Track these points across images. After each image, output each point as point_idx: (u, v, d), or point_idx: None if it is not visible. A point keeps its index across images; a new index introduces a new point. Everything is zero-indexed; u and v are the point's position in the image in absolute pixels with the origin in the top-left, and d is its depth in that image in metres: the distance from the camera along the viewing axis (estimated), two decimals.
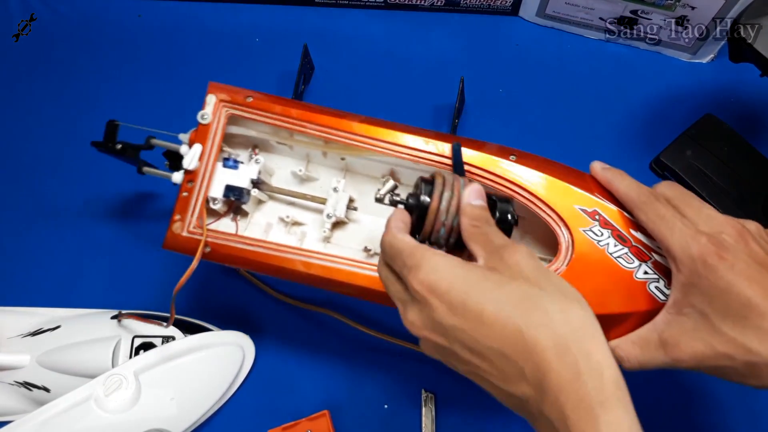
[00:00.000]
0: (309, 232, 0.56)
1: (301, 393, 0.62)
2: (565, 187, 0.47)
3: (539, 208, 0.47)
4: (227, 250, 0.51)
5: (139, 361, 0.57)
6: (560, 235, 0.46)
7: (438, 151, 0.50)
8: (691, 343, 0.41)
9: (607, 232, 0.46)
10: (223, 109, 0.52)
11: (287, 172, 0.57)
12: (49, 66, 0.78)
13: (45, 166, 0.73)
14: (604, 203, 0.47)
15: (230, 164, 0.53)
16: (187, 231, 0.51)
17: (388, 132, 0.51)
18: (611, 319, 0.45)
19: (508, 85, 0.75)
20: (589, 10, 0.73)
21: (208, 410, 0.60)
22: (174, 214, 0.52)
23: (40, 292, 0.67)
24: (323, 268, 0.49)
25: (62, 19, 0.80)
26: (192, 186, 0.52)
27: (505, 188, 0.48)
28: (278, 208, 0.57)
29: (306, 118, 0.51)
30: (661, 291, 0.45)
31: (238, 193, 0.52)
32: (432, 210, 0.43)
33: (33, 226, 0.70)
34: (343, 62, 0.77)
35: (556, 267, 0.46)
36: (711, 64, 0.75)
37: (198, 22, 0.79)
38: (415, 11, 0.79)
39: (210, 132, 0.52)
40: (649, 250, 0.46)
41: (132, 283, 0.67)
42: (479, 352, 0.36)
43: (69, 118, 0.75)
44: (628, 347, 0.45)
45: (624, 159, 0.71)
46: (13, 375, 0.60)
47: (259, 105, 0.52)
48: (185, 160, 0.51)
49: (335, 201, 0.54)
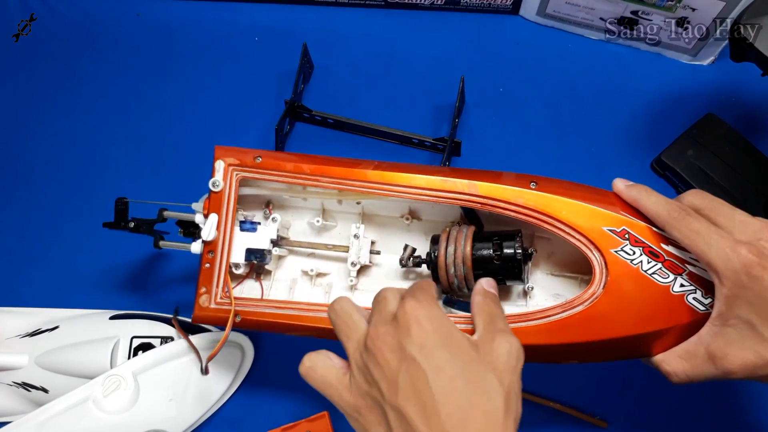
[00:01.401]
0: (335, 281, 0.55)
1: (301, 394, 0.62)
2: (590, 209, 0.47)
3: (568, 234, 0.47)
4: (257, 316, 0.50)
5: (137, 362, 0.57)
6: (593, 258, 0.46)
7: (457, 189, 0.49)
8: (740, 354, 0.41)
9: (639, 249, 0.46)
10: (234, 173, 0.51)
11: (304, 222, 0.57)
12: (49, 66, 0.78)
13: (44, 166, 0.73)
14: (632, 220, 0.46)
15: (248, 227, 0.53)
16: (215, 302, 0.51)
17: (402, 176, 0.50)
18: (654, 336, 0.45)
19: (508, 85, 0.75)
20: (590, 10, 0.72)
21: (207, 411, 0.60)
22: (199, 287, 0.51)
23: (38, 293, 0.66)
24: None
25: (62, 18, 0.80)
26: (213, 257, 0.51)
27: (530, 218, 0.48)
28: (299, 260, 0.56)
29: (318, 171, 0.51)
30: (699, 301, 0.45)
31: (259, 254, 0.52)
32: (440, 267, 0.48)
33: (32, 226, 0.70)
34: (342, 61, 0.77)
35: (593, 291, 0.45)
36: (712, 65, 0.74)
37: (197, 21, 0.79)
38: (415, 10, 0.79)
39: (223, 199, 0.51)
40: (683, 263, 0.45)
41: (131, 284, 0.67)
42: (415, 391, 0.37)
43: (69, 117, 0.75)
44: (675, 362, 0.45)
45: (625, 158, 0.71)
46: (11, 375, 0.60)
47: (269, 164, 0.51)
48: (203, 232, 0.50)
49: (358, 248, 0.53)
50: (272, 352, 0.63)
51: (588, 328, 0.45)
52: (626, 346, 0.46)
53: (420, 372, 0.37)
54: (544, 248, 0.53)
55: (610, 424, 0.60)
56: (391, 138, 0.72)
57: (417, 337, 0.38)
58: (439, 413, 0.36)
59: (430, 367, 0.37)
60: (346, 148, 0.72)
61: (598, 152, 0.71)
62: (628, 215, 0.47)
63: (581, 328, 0.45)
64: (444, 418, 0.36)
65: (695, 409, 0.61)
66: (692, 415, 0.61)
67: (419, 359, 0.37)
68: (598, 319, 0.45)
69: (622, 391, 0.61)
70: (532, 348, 0.43)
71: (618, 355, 0.48)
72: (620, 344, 0.45)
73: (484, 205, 0.48)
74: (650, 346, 0.46)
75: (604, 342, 0.45)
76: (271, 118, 0.72)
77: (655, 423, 0.61)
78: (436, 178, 0.49)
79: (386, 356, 0.38)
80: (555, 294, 0.52)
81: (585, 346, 0.45)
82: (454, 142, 0.68)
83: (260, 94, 0.75)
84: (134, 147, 0.73)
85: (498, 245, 0.48)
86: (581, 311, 0.45)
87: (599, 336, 0.45)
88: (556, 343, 0.44)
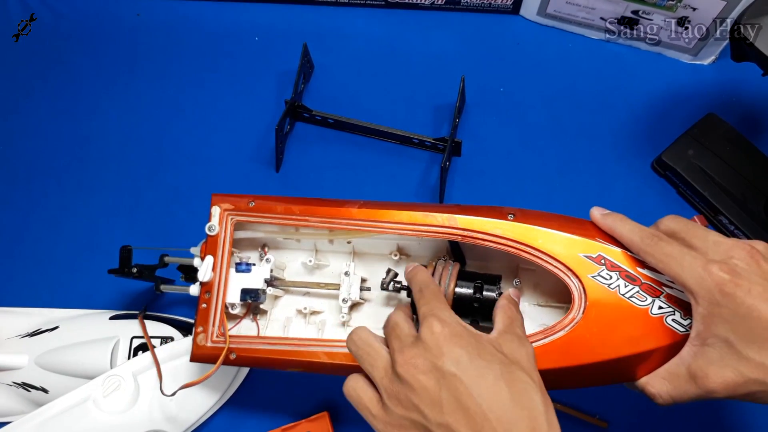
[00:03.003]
0: (327, 318, 0.57)
1: (301, 394, 0.62)
2: (565, 237, 0.48)
3: (545, 262, 0.48)
4: (252, 353, 0.52)
5: (137, 362, 0.57)
6: (570, 284, 0.47)
7: (438, 223, 0.50)
8: (719, 373, 0.41)
9: (615, 274, 0.46)
10: (229, 218, 0.54)
11: (298, 263, 0.58)
12: (49, 66, 0.78)
13: (44, 166, 0.73)
14: (607, 246, 0.47)
15: (243, 268, 0.55)
16: (211, 341, 0.52)
17: (386, 212, 0.52)
18: (636, 359, 0.45)
19: (508, 85, 0.75)
20: (590, 9, 0.72)
21: (207, 411, 0.60)
22: (196, 326, 0.53)
23: (38, 293, 0.67)
24: (346, 356, 0.49)
25: (62, 18, 0.80)
26: (209, 297, 0.53)
27: (508, 247, 0.49)
28: (294, 300, 0.58)
29: (308, 212, 0.53)
30: (678, 323, 0.45)
31: (254, 294, 0.54)
32: None
33: (32, 227, 0.70)
34: (342, 61, 0.77)
35: (573, 316, 0.46)
36: (713, 65, 0.74)
37: (197, 21, 0.79)
38: (416, 10, 0.79)
39: (219, 242, 0.54)
40: (660, 285, 0.46)
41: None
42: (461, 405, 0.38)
43: (69, 117, 0.75)
44: (659, 384, 0.45)
45: (625, 158, 0.71)
46: (11, 376, 0.60)
47: (261, 208, 0.54)
48: (200, 273, 0.53)
49: (348, 285, 0.55)
50: None
51: (570, 353, 0.46)
52: (609, 370, 0.46)
53: (462, 386, 0.38)
54: (529, 279, 0.54)
55: (610, 424, 0.60)
56: (391, 138, 0.72)
57: (451, 355, 0.39)
58: (490, 419, 0.37)
59: (471, 379, 0.38)
60: (346, 148, 0.72)
61: (599, 152, 0.71)
62: (604, 242, 0.47)
63: (563, 354, 0.46)
64: (495, 423, 0.37)
65: (696, 409, 0.61)
66: (693, 415, 0.61)
67: (459, 374, 0.38)
68: (579, 344, 0.46)
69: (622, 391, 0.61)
70: None
71: (602, 379, 0.48)
72: (603, 368, 0.46)
73: (464, 237, 0.50)
74: (633, 369, 0.46)
75: (587, 366, 0.46)
76: (271, 118, 0.72)
77: (655, 423, 0.61)
78: (418, 213, 0.51)
79: (421, 379, 0.39)
80: (542, 324, 0.52)
81: (568, 371, 0.46)
82: (454, 142, 0.68)
83: (260, 94, 0.75)
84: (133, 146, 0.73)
85: (479, 288, 0.49)
86: (562, 336, 0.46)
87: (581, 360, 0.46)
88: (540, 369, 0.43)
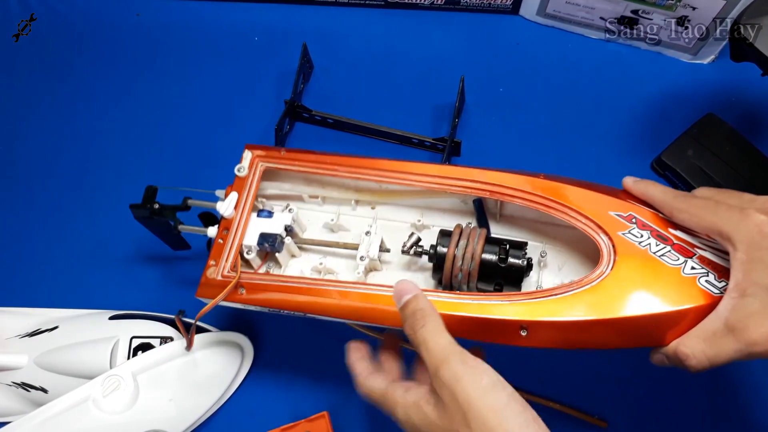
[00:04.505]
0: (342, 276, 0.56)
1: (300, 394, 0.62)
2: (597, 195, 0.48)
3: (575, 219, 0.47)
4: (261, 289, 0.51)
5: (137, 362, 0.57)
6: (600, 241, 0.46)
7: (467, 177, 0.50)
8: (762, 322, 0.38)
9: (647, 233, 0.46)
10: (259, 163, 0.55)
11: (318, 227, 0.58)
12: (49, 66, 0.78)
13: (44, 166, 0.73)
14: (638, 206, 0.47)
15: (264, 214, 0.55)
16: (221, 275, 0.51)
17: (416, 165, 0.52)
18: (665, 319, 0.44)
19: (508, 85, 0.75)
20: (590, 9, 0.72)
21: (207, 411, 0.60)
22: (209, 260, 0.52)
23: (38, 293, 0.67)
24: (360, 296, 0.49)
25: (62, 18, 0.80)
26: (227, 234, 0.53)
27: (537, 204, 0.48)
28: (311, 259, 0.57)
29: (337, 162, 0.53)
30: (712, 284, 0.43)
31: (272, 240, 0.53)
32: (448, 258, 0.49)
33: (31, 227, 0.70)
34: (342, 61, 0.77)
35: (601, 271, 0.45)
36: (712, 64, 0.74)
37: (197, 21, 0.79)
38: (415, 10, 0.79)
39: (246, 183, 0.54)
40: (693, 246, 0.45)
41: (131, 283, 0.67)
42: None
43: (69, 117, 0.75)
44: (693, 343, 0.42)
45: (625, 158, 0.71)
46: (11, 376, 0.60)
47: (292, 156, 0.55)
48: (221, 207, 0.53)
49: (368, 244, 0.54)
50: (272, 353, 0.63)
51: (596, 307, 0.44)
52: (637, 329, 0.45)
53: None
54: (555, 260, 0.53)
55: (610, 425, 0.60)
56: (391, 138, 0.72)
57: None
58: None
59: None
60: (346, 148, 0.72)
61: (598, 152, 0.71)
62: (635, 203, 0.47)
63: (590, 306, 0.44)
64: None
65: (696, 409, 0.61)
66: (693, 415, 0.61)
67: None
68: (606, 298, 0.44)
69: (622, 391, 0.61)
70: (541, 325, 0.44)
71: (628, 340, 0.46)
72: (630, 326, 0.44)
73: (493, 193, 0.49)
74: (663, 331, 0.44)
75: (613, 322, 0.44)
76: (271, 118, 0.72)
77: (656, 423, 0.61)
78: (448, 167, 0.52)
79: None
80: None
81: (593, 325, 0.44)
82: (453, 142, 0.68)
83: (260, 94, 0.75)
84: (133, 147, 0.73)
85: (506, 251, 0.49)
86: (588, 289, 0.45)
87: (607, 314, 0.44)
88: (565, 320, 0.43)
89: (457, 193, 0.51)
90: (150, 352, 0.58)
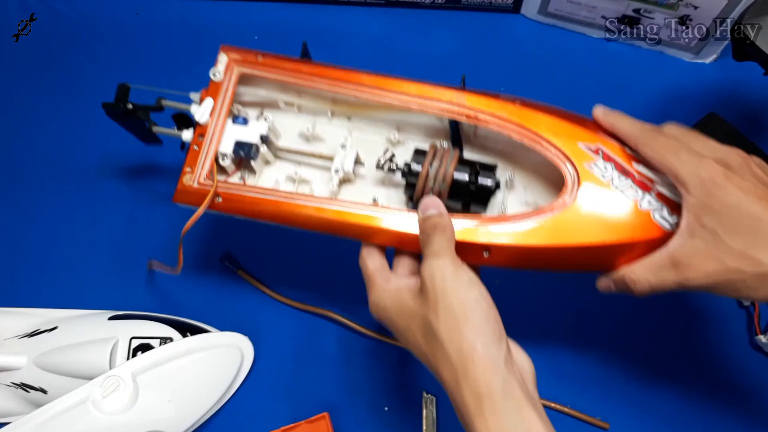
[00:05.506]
0: (316, 188, 0.57)
1: (301, 395, 0.62)
2: (568, 126, 0.50)
3: (545, 148, 0.49)
4: (238, 199, 0.52)
5: (136, 363, 0.57)
6: (565, 171, 0.48)
7: (445, 99, 0.52)
8: (703, 262, 0.43)
9: (610, 165, 0.48)
10: (235, 68, 0.54)
11: (294, 135, 0.58)
12: (49, 66, 0.78)
13: (43, 166, 0.72)
14: (606, 139, 0.49)
15: (240, 121, 0.55)
16: (198, 183, 0.52)
17: (396, 83, 0.52)
18: (620, 248, 0.47)
19: (509, 84, 0.74)
20: (592, 8, 0.72)
21: (207, 412, 0.60)
22: (185, 166, 0.53)
23: (37, 293, 0.66)
24: (334, 212, 0.50)
25: (62, 18, 0.80)
26: (202, 140, 0.53)
27: (510, 131, 0.50)
28: (286, 167, 0.58)
29: (315, 72, 0.53)
30: (665, 219, 0.47)
31: (247, 149, 0.53)
32: (421, 177, 0.50)
33: (31, 227, 0.70)
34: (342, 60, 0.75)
35: (563, 200, 0.48)
36: (714, 63, 0.74)
37: (196, 20, 0.79)
38: (416, 9, 0.79)
39: (221, 89, 0.54)
40: (652, 182, 0.47)
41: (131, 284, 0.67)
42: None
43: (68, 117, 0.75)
44: (640, 272, 0.46)
45: None
46: (10, 376, 0.60)
47: (269, 62, 0.54)
48: (196, 113, 0.53)
49: (343, 156, 0.55)
50: (272, 354, 0.63)
51: (557, 233, 0.47)
52: (592, 256, 0.48)
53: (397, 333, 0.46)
54: (522, 184, 0.55)
55: (612, 426, 0.60)
56: None
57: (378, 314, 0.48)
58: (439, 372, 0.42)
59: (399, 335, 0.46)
60: None
61: None
62: (605, 136, 0.49)
63: (551, 233, 0.47)
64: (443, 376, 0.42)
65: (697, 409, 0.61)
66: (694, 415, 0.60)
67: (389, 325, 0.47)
68: (567, 226, 0.47)
69: (623, 392, 0.61)
70: (503, 249, 0.48)
71: (584, 265, 0.49)
72: (587, 253, 0.47)
73: (470, 117, 0.51)
74: (615, 258, 0.47)
75: (572, 249, 0.47)
76: None
77: (657, 423, 0.60)
78: (427, 87, 0.52)
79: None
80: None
81: (554, 251, 0.48)
82: None
83: None
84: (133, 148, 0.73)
85: (476, 173, 0.51)
86: (551, 217, 0.48)
87: (567, 242, 0.47)
88: (527, 245, 0.47)
89: (434, 114, 0.52)
90: (150, 352, 0.58)
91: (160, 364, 0.58)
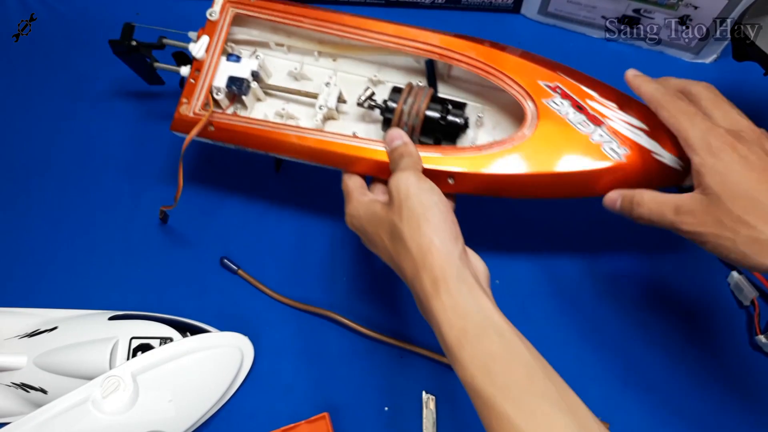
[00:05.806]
0: (303, 123, 0.61)
1: (300, 395, 0.62)
2: (531, 66, 0.54)
3: (508, 86, 0.54)
4: (229, 127, 0.57)
5: (136, 363, 0.57)
6: (526, 106, 0.53)
7: (420, 39, 0.56)
8: (702, 216, 0.45)
9: (567, 102, 0.53)
10: (230, 8, 0.59)
11: (283, 74, 0.63)
12: (49, 66, 0.78)
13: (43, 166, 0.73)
14: (565, 78, 0.54)
15: (233, 59, 0.60)
16: (193, 113, 0.57)
17: (377, 23, 0.57)
18: (581, 176, 0.52)
19: None
20: (592, 8, 0.72)
21: (207, 412, 0.60)
22: (181, 98, 0.58)
23: (37, 293, 0.66)
24: (316, 141, 0.55)
25: (62, 18, 0.80)
26: (198, 74, 0.58)
27: (478, 69, 0.54)
28: (275, 104, 0.62)
29: (304, 14, 0.58)
30: (614, 151, 0.51)
31: (239, 84, 0.58)
32: (396, 113, 0.55)
33: (31, 227, 0.70)
34: None
35: (523, 133, 0.52)
36: (714, 64, 0.74)
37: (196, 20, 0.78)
38: (416, 9, 0.79)
39: (217, 27, 0.59)
40: (603, 117, 0.52)
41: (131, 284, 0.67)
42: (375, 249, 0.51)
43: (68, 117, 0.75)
44: (648, 197, 0.49)
45: None
46: (10, 376, 0.60)
47: (261, 4, 0.59)
48: (193, 49, 0.58)
49: (327, 94, 0.59)
50: (272, 353, 0.63)
51: (516, 163, 0.52)
52: (548, 183, 0.52)
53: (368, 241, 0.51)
54: (490, 120, 0.59)
55: (612, 425, 0.60)
56: None
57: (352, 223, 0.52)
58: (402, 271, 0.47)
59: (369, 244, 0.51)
60: None
61: None
62: (565, 75, 0.54)
63: (510, 162, 0.52)
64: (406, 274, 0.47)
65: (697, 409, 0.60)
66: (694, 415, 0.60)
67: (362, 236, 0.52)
68: (526, 156, 0.52)
69: (623, 392, 0.61)
70: (465, 176, 0.52)
71: (540, 191, 0.53)
72: (543, 180, 0.52)
73: (442, 56, 0.55)
74: (588, 186, 0.52)
75: (529, 176, 0.52)
76: None
77: (657, 423, 0.60)
78: (404, 28, 0.57)
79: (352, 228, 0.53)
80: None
81: (512, 179, 0.52)
82: None
83: None
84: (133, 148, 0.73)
85: (447, 110, 0.55)
86: (511, 148, 0.52)
87: (525, 170, 0.52)
88: (488, 173, 0.52)
89: (410, 53, 0.57)
90: (150, 352, 0.58)
91: (160, 364, 0.58)
